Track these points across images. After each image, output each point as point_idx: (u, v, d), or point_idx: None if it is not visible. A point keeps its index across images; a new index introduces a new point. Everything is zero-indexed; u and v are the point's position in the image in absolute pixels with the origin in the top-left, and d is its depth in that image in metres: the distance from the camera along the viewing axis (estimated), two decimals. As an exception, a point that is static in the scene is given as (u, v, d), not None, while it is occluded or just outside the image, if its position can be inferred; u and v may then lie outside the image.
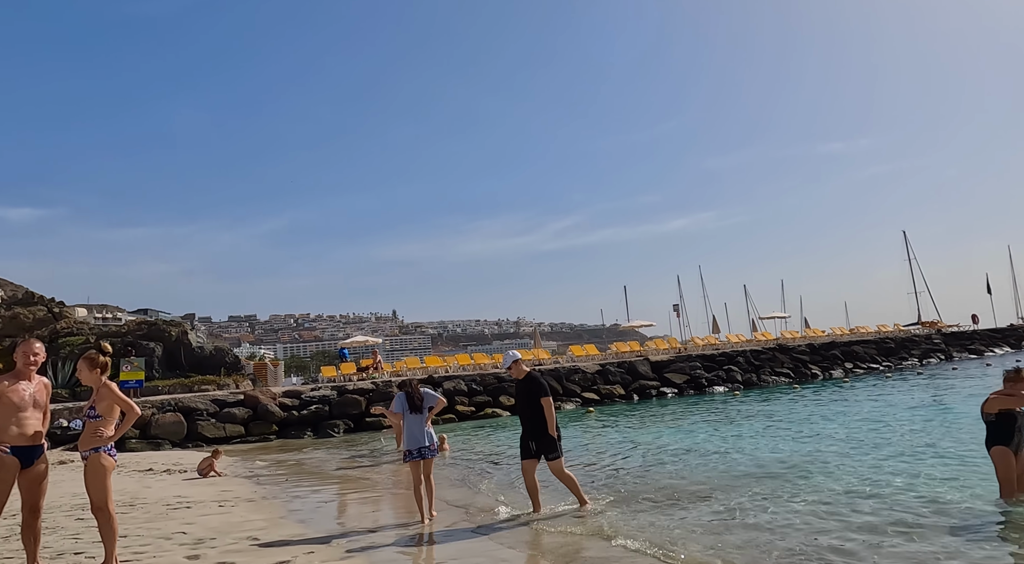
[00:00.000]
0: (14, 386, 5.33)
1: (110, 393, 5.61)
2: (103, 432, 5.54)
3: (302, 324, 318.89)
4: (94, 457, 5.48)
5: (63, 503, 9.35)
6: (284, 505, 8.76)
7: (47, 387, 5.59)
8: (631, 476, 9.78)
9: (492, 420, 21.92)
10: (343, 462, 14.19)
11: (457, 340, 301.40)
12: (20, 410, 5.30)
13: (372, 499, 9.37)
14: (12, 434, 5.27)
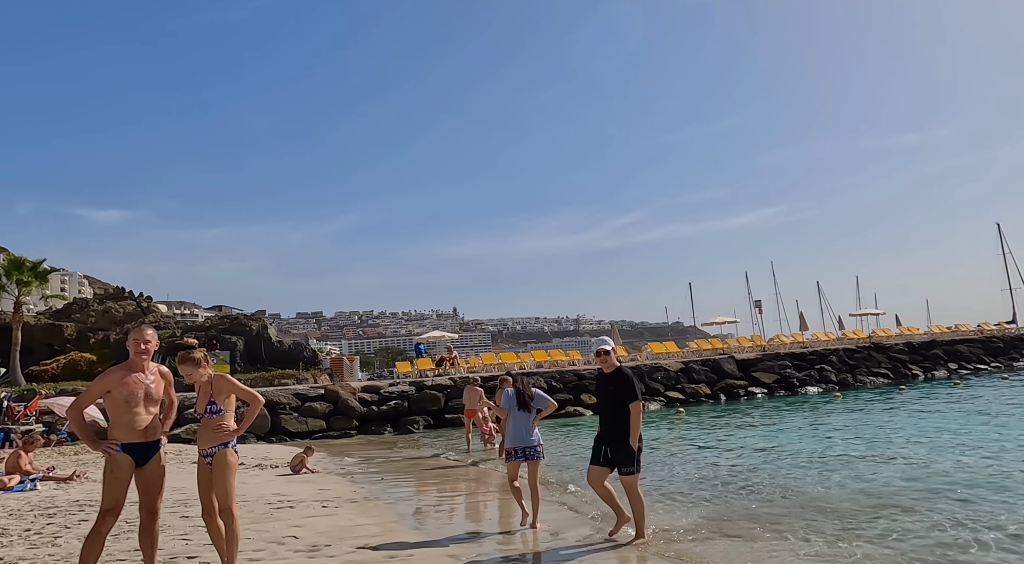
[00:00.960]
0: (124, 379, 4.86)
1: (229, 384, 5.10)
2: (227, 426, 5.04)
3: (366, 321, 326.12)
4: (220, 454, 5.00)
5: (164, 498, 9.07)
6: (391, 508, 8.21)
7: (166, 376, 5.11)
8: (774, 487, 8.75)
9: (573, 419, 21.10)
10: (434, 460, 13.68)
11: (517, 338, 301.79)
12: (131, 404, 4.82)
13: (482, 502, 8.73)
14: (122, 430, 4.80)
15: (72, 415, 4.77)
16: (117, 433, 4.80)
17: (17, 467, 10.83)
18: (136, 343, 4.94)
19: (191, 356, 5.04)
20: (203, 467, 5.05)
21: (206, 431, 5.02)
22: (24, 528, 7.22)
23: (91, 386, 4.84)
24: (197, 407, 5.09)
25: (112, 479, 4.73)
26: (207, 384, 5.09)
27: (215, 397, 5.04)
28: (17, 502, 9.10)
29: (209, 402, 5.04)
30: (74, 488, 10.46)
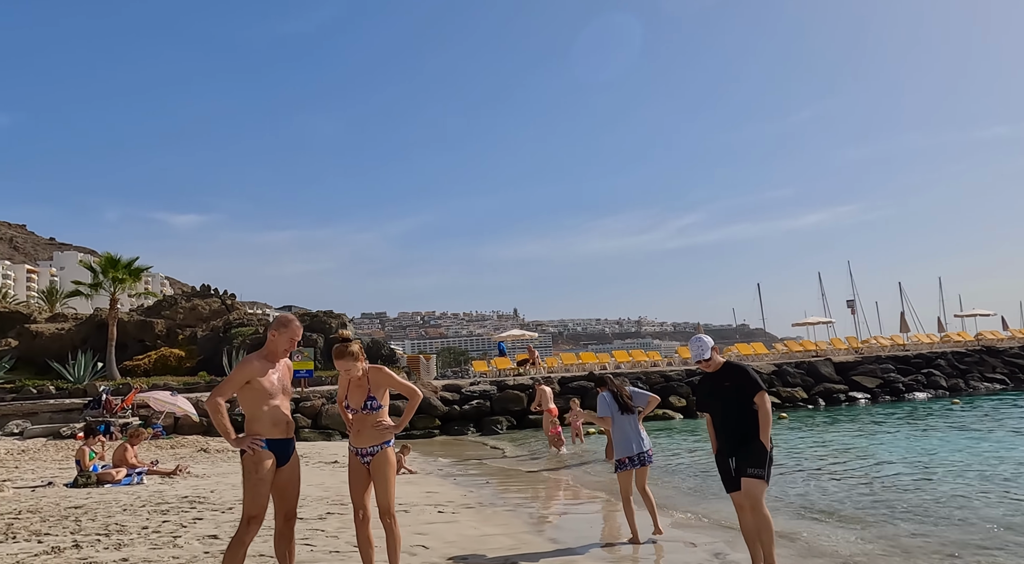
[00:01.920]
0: (265, 368, 4.39)
1: (388, 378, 4.57)
2: (387, 423, 4.52)
3: (428, 321, 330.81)
4: (382, 454, 4.49)
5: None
6: (512, 516, 7.59)
7: (291, 369, 4.63)
8: (946, 507, 7.65)
9: (664, 423, 20.08)
10: (533, 462, 13.07)
11: (577, 339, 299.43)
12: (271, 396, 4.34)
13: (604, 509, 7.98)
14: (266, 425, 4.32)
15: (212, 406, 4.31)
16: (258, 427, 4.32)
17: (123, 460, 10.82)
18: (292, 341, 4.47)
19: (348, 349, 4.54)
20: (357, 466, 4.54)
21: (365, 428, 4.51)
22: (140, 525, 6.96)
23: (232, 375, 4.37)
24: (351, 402, 4.58)
25: (257, 480, 4.24)
26: (362, 378, 4.58)
27: (373, 391, 4.53)
28: (127, 496, 8.97)
29: (368, 397, 4.53)
30: (179, 483, 10.33)
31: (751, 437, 4.80)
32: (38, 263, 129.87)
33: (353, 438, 4.56)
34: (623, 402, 6.39)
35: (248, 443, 4.28)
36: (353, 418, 4.58)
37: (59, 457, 14.53)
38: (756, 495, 4.71)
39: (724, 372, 5.06)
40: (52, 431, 18.34)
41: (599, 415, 6.40)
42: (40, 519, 7.32)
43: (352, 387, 4.59)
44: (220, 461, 13.68)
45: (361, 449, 4.50)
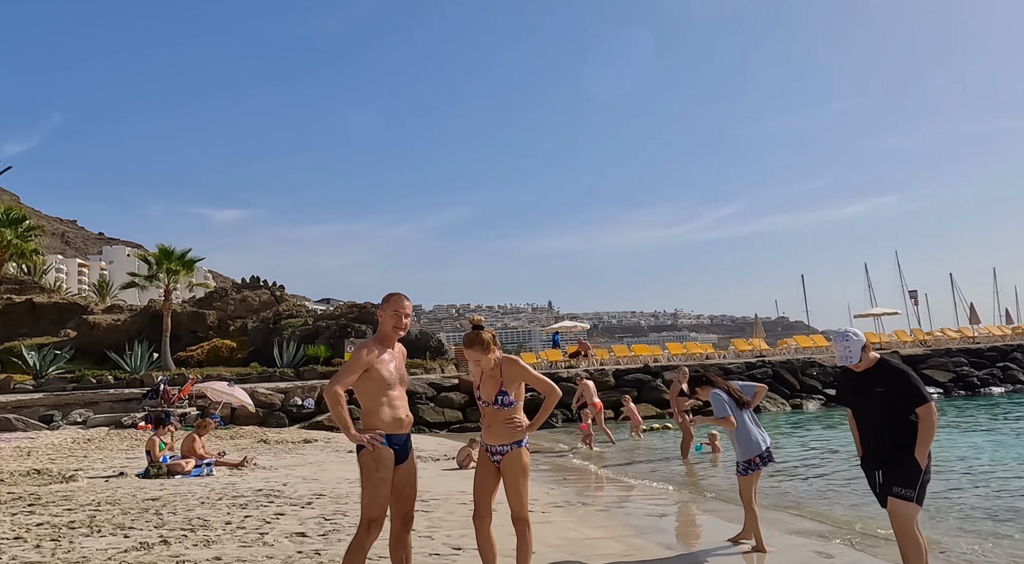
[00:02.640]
0: (383, 356, 3.97)
1: (522, 371, 4.12)
2: (520, 421, 4.08)
3: (463, 314, 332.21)
4: (515, 454, 4.07)
5: (333, 491, 8.44)
6: (607, 516, 7.13)
7: (405, 356, 4.21)
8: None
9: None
10: (599, 459, 12.57)
11: (612, 332, 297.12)
12: (390, 387, 3.93)
13: (708, 515, 7.44)
14: (385, 418, 3.92)
15: (331, 396, 3.91)
16: (377, 421, 3.91)
17: (192, 451, 10.69)
18: (397, 315, 4.03)
19: (480, 337, 4.11)
20: (486, 464, 4.16)
21: (496, 424, 4.10)
22: (223, 520, 6.69)
23: (350, 362, 3.95)
24: (483, 394, 4.16)
25: (377, 480, 3.83)
26: (494, 370, 4.14)
27: (506, 386, 4.10)
28: (201, 488, 8.77)
29: (500, 391, 4.10)
30: (248, 475, 10.14)
31: (903, 451, 4.09)
32: (88, 257, 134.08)
33: (484, 433, 4.18)
34: (737, 397, 5.85)
35: (369, 439, 3.88)
36: (485, 412, 4.18)
37: (123, 446, 14.59)
38: (903, 517, 4.07)
39: (876, 373, 4.25)
40: (114, 420, 18.55)
41: (718, 416, 5.80)
42: (121, 511, 7.13)
43: (484, 379, 4.17)
44: (282, 453, 13.53)
45: (491, 446, 4.11)
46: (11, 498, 8.01)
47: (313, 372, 24.10)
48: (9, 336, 27.58)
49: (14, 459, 12.35)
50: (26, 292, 33.39)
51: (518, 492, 4.03)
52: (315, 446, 14.74)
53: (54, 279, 71.64)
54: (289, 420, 18.98)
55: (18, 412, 19.21)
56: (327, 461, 11.96)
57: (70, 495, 8.26)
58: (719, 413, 5.75)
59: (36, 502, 7.73)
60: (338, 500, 7.78)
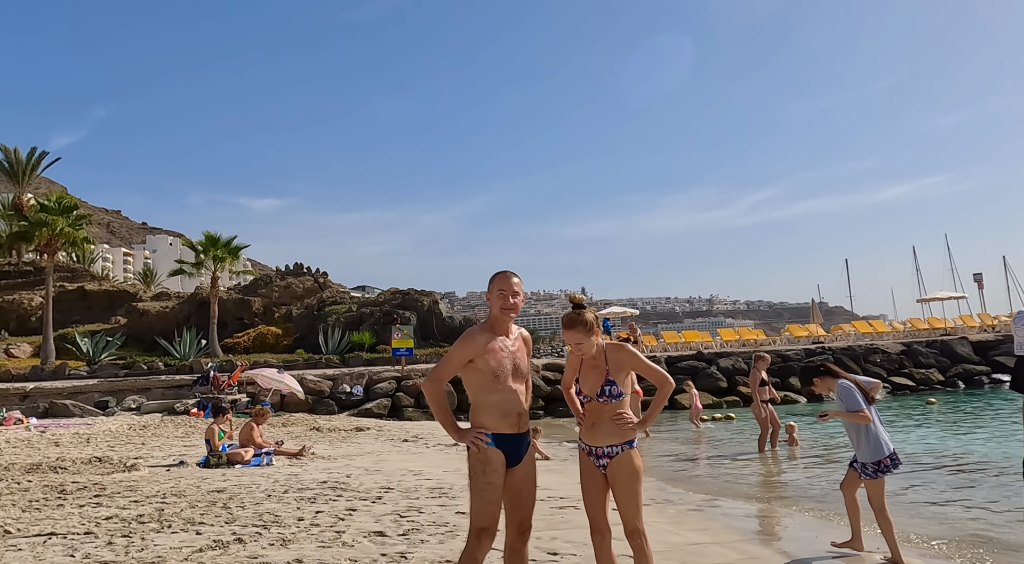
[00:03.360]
0: (491, 345, 3.44)
1: (632, 358, 3.57)
2: (628, 417, 3.55)
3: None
4: (625, 457, 3.52)
5: (399, 484, 8.06)
6: (704, 517, 6.60)
7: (528, 342, 3.68)
8: None
9: (787, 407, 18.55)
10: (668, 450, 12.00)
11: (647, 318, 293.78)
12: (500, 380, 3.41)
13: (812, 512, 6.84)
14: (493, 415, 3.41)
15: (429, 391, 3.46)
16: (484, 418, 3.42)
17: (250, 440, 10.46)
18: (503, 295, 3.48)
19: (582, 317, 3.56)
20: (591, 470, 3.59)
21: (601, 422, 3.54)
22: (294, 515, 6.35)
23: (451, 353, 3.47)
24: (584, 387, 3.60)
25: (485, 484, 3.36)
26: (598, 356, 3.60)
27: (612, 374, 3.54)
28: (264, 480, 8.50)
29: (606, 381, 3.54)
30: (308, 465, 9.86)
31: None
32: (133, 246, 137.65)
33: (585, 433, 3.60)
34: (864, 390, 5.20)
35: (472, 437, 3.39)
36: (586, 408, 3.62)
37: (179, 433, 14.55)
38: None
39: None
40: (166, 407, 18.65)
41: (852, 409, 5.08)
42: (188, 504, 6.86)
43: (585, 368, 3.63)
44: (336, 441, 13.30)
45: (595, 448, 3.54)
46: (77, 488, 7.84)
47: (358, 359, 23.99)
48: (63, 323, 28.14)
49: (74, 446, 12.35)
50: (77, 280, 34.08)
51: (633, 501, 3.48)
52: (368, 434, 14.50)
53: (101, 268, 73.56)
54: (338, 407, 18.84)
55: (74, 398, 19.47)
56: (384, 451, 11.66)
57: (134, 485, 8.07)
58: (853, 406, 5.06)
59: (102, 493, 7.53)
60: (408, 494, 7.41)
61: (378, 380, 19.77)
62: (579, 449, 3.69)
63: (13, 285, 33.06)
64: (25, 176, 45.96)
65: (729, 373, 19.89)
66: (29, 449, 11.83)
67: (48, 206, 25.38)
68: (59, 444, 12.51)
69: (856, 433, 5.12)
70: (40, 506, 6.84)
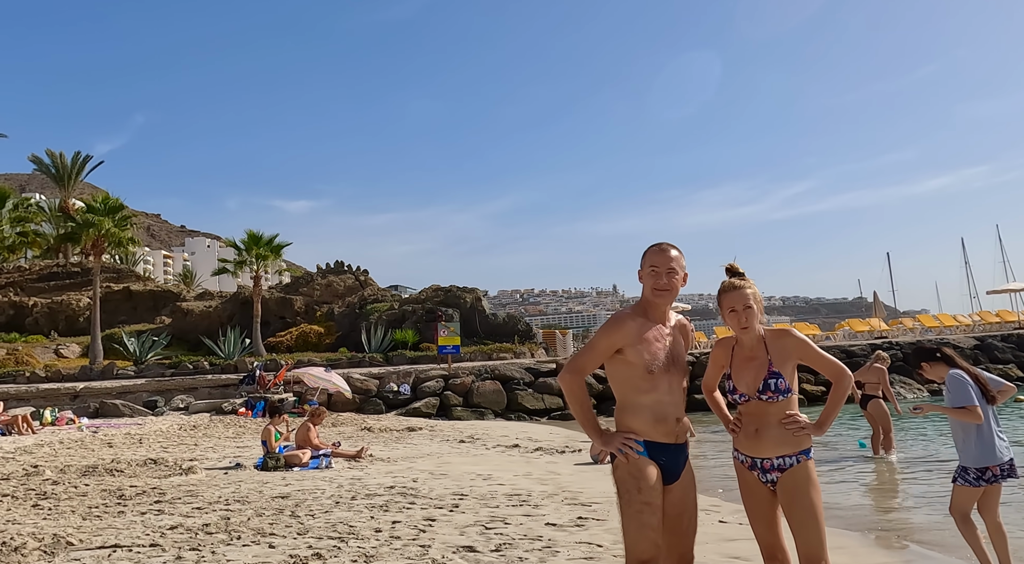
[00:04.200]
0: (643, 333, 2.81)
1: (801, 347, 2.94)
2: (801, 420, 2.88)
3: (527, 299, 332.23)
4: (800, 470, 2.87)
5: (472, 490, 7.48)
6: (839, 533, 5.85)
7: (688, 333, 3.02)
8: None
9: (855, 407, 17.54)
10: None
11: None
12: (653, 376, 2.78)
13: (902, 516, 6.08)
14: (645, 419, 2.79)
15: (569, 383, 2.84)
16: (634, 421, 2.80)
17: (307, 441, 10.03)
18: (655, 273, 2.87)
19: (744, 290, 2.94)
20: (756, 487, 2.93)
21: (766, 426, 2.88)
22: (370, 526, 5.82)
23: (595, 339, 2.87)
24: (739, 382, 2.94)
25: (642, 505, 2.72)
26: (755, 346, 2.94)
27: (777, 365, 2.87)
28: (327, 484, 8.03)
29: (770, 373, 2.87)
30: (369, 468, 9.38)
31: None
32: (172, 249, 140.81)
33: (742, 441, 2.96)
34: (983, 386, 4.41)
35: (620, 444, 2.77)
36: (741, 408, 2.96)
37: (229, 433, 14.28)
38: None
39: None
40: (214, 406, 18.49)
41: (957, 405, 4.33)
42: (254, 512, 6.40)
43: (739, 361, 2.97)
44: (390, 441, 12.84)
45: (762, 460, 2.88)
46: (135, 493, 7.46)
47: (402, 357, 23.63)
48: (109, 323, 28.41)
49: (127, 447, 12.12)
50: (123, 280, 34.50)
51: (814, 524, 2.80)
52: (420, 434, 14.02)
53: (142, 270, 75.00)
54: (386, 406, 18.45)
55: (123, 398, 19.45)
56: (443, 452, 11.14)
57: (193, 490, 7.67)
58: (960, 401, 4.25)
59: (162, 499, 7.13)
60: (485, 502, 6.83)
61: (425, 379, 19.33)
62: (735, 462, 3.03)
63: (61, 286, 33.61)
64: (71, 180, 46.89)
65: (804, 371, 18.94)
66: (83, 450, 11.63)
67: (95, 207, 25.58)
68: (112, 445, 12.30)
69: (963, 434, 4.27)
70: (100, 513, 6.45)
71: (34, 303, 31.01)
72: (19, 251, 39.73)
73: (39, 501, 7.07)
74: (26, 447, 11.82)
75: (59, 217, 34.84)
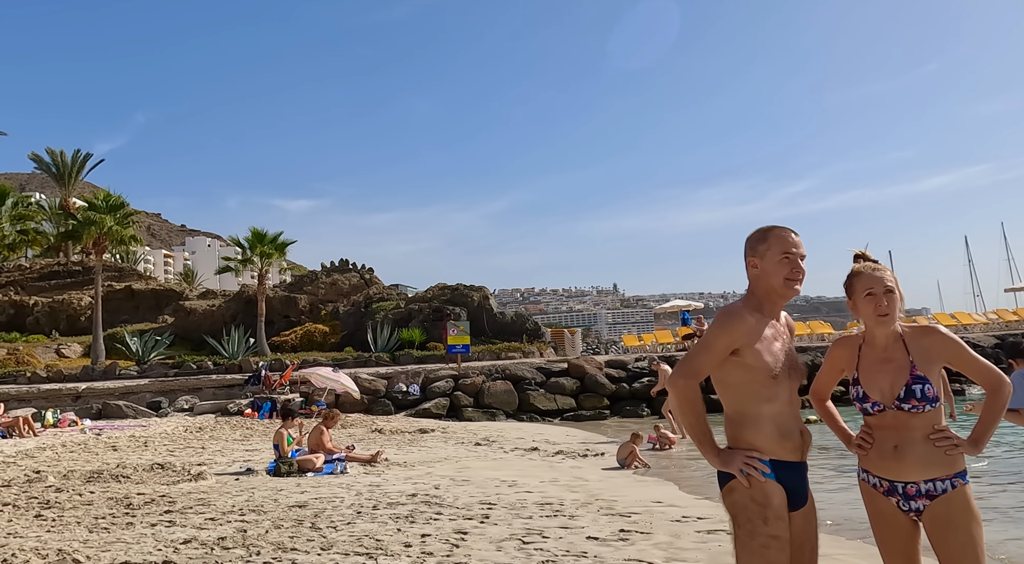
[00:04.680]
0: (765, 330, 2.40)
1: (951, 346, 2.46)
2: (951, 435, 2.43)
3: (528, 298, 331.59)
4: (958, 496, 2.41)
5: (499, 498, 7.07)
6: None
7: (793, 332, 2.61)
8: None
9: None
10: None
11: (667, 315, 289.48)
12: (775, 381, 2.36)
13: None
14: (769, 433, 2.36)
15: (684, 390, 2.38)
16: (756, 437, 2.36)
17: (320, 445, 9.63)
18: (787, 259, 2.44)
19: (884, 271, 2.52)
20: (893, 516, 2.46)
21: (907, 442, 2.41)
22: (398, 539, 5.42)
23: (711, 337, 2.41)
24: (871, 388, 2.48)
25: (769, 539, 2.29)
26: (891, 345, 2.47)
27: (922, 369, 2.42)
28: (345, 491, 7.62)
29: (913, 378, 2.41)
30: (387, 473, 8.98)
31: None
32: (173, 248, 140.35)
33: (875, 461, 2.48)
34: None
35: (743, 464, 2.33)
36: (872, 421, 2.49)
37: (236, 436, 13.88)
38: None
39: None
40: (219, 407, 18.09)
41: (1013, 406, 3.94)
42: (271, 524, 5.99)
43: (870, 361, 2.50)
44: (403, 444, 12.44)
45: (903, 485, 2.41)
46: (144, 501, 7.05)
47: (409, 357, 23.24)
48: (111, 322, 28.02)
49: (132, 450, 11.72)
50: (125, 279, 34.10)
51: (972, 561, 2.34)
52: (433, 436, 13.62)
53: (143, 269, 74.60)
54: (395, 407, 18.05)
55: (126, 398, 19.05)
56: (461, 456, 10.73)
57: (205, 498, 7.26)
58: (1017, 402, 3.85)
59: (172, 508, 6.72)
60: (517, 512, 6.42)
61: (434, 379, 18.93)
62: (863, 486, 2.56)
63: (62, 285, 33.21)
64: (71, 178, 46.47)
65: (809, 369, 18.50)
66: (87, 453, 11.22)
67: (96, 204, 25.17)
68: (117, 448, 11.89)
69: None
70: (108, 525, 6.04)
71: (35, 302, 30.61)
72: (19, 250, 39.33)
73: (42, 511, 6.67)
74: (28, 450, 11.42)
75: (60, 215, 34.43)
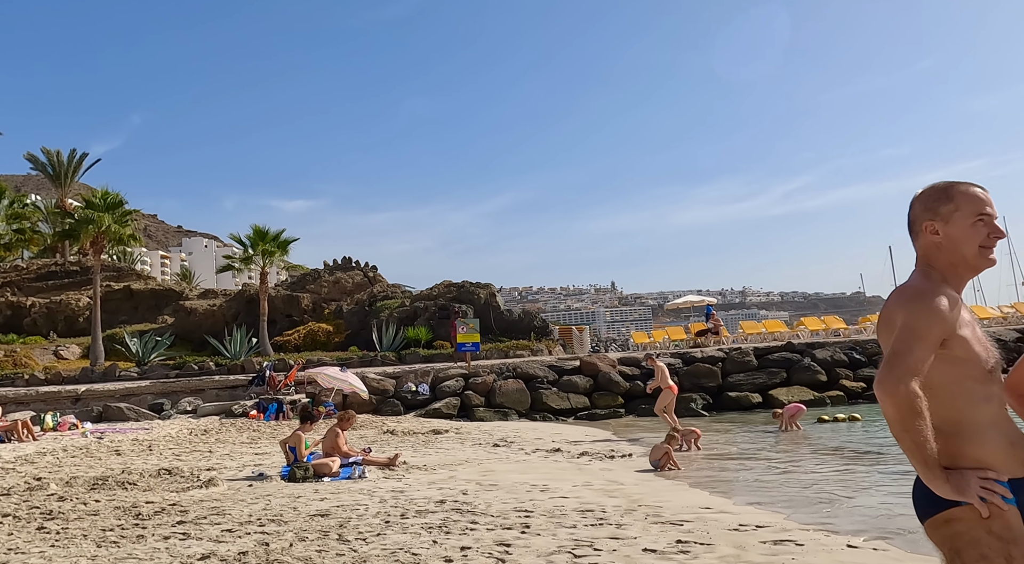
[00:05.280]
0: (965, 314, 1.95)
1: None
2: None
3: (526, 296, 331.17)
4: None
5: (535, 505, 6.61)
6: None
7: None
8: None
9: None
10: (806, 457, 10.39)
11: (679, 311, 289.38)
12: (992, 374, 1.92)
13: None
14: (997, 443, 1.88)
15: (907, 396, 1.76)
16: (982, 452, 1.88)
17: (336, 448, 9.17)
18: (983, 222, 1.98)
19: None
20: None
21: None
22: (437, 553, 4.95)
23: (918, 328, 1.86)
24: None
25: None
26: None
27: None
28: (367, 497, 7.16)
29: None
30: (407, 477, 8.51)
31: None
32: (169, 249, 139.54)
33: None
34: None
35: (980, 489, 1.82)
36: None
37: (243, 438, 13.40)
38: None
39: None
40: (223, 409, 17.59)
41: None
42: (295, 536, 5.52)
43: None
44: (418, 446, 11.97)
45: None
46: (153, 511, 6.58)
47: (415, 356, 22.77)
48: (110, 323, 27.48)
49: (137, 454, 11.23)
50: (123, 279, 33.54)
51: None
52: (448, 438, 13.17)
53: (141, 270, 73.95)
54: (404, 407, 17.58)
55: (127, 400, 18.55)
56: (481, 458, 10.28)
57: (218, 506, 6.79)
58: None
59: (185, 518, 6.25)
60: (558, 521, 5.95)
61: (444, 378, 18.47)
62: None
63: (60, 285, 32.65)
64: (67, 179, 45.85)
65: (828, 365, 18.12)
66: (89, 458, 10.74)
67: (94, 203, 24.64)
68: (120, 453, 11.41)
69: None
70: (117, 538, 5.56)
71: (32, 303, 30.06)
72: (16, 250, 38.75)
73: (45, 522, 6.19)
74: (27, 456, 10.92)
75: (56, 214, 33.85)
